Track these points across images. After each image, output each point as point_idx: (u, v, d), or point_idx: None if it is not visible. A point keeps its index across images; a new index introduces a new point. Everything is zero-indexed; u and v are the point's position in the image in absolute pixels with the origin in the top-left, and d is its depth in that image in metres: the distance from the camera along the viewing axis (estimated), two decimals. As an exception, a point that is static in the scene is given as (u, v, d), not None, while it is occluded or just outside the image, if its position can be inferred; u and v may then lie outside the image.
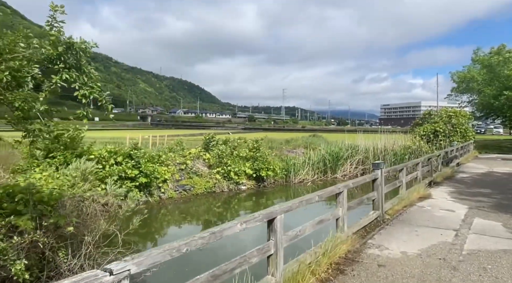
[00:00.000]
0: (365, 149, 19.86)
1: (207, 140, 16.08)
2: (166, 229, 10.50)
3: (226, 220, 11.09)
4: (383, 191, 6.22)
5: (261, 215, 3.34)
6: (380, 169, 6.06)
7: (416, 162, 9.11)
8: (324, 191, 4.61)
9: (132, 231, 7.29)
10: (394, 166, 7.95)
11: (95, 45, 4.73)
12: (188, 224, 11.28)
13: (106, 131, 52.95)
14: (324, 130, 71.02)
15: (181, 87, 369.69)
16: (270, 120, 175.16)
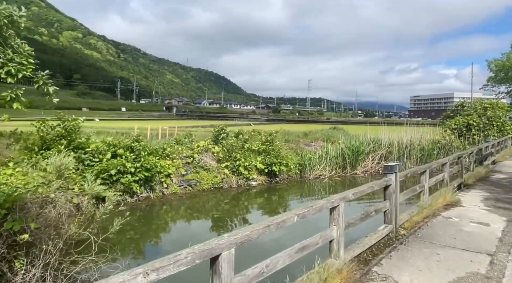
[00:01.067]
0: (388, 143, 18.38)
1: (217, 132, 15.19)
2: (162, 230, 9.73)
3: (226, 222, 10.21)
4: (397, 199, 5.01)
5: (196, 254, 2.22)
6: (394, 172, 4.87)
7: (443, 162, 7.69)
8: (310, 207, 3.48)
9: (111, 234, 6.53)
10: (414, 168, 6.67)
11: (25, 13, 3.87)
12: (187, 224, 10.47)
13: (127, 122, 53.38)
14: (349, 122, 68.85)
15: (207, 79, 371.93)
16: (294, 111, 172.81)
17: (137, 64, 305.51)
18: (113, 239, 7.38)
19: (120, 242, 8.38)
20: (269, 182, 14.91)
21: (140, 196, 11.35)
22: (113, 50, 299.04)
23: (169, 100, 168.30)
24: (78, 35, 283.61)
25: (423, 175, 6.40)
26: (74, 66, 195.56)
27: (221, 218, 10.80)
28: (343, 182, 16.25)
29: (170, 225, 10.10)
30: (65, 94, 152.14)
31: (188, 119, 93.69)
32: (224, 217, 10.92)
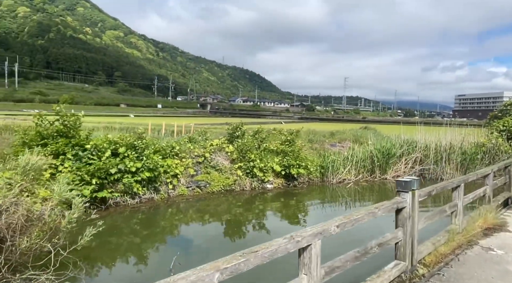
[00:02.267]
0: (425, 145, 16.53)
1: (232, 130, 14.19)
2: (158, 237, 8.84)
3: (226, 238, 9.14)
4: (415, 227, 3.69)
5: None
6: (410, 190, 3.65)
7: (484, 173, 6.17)
8: (253, 253, 2.14)
9: (80, 247, 5.70)
10: (443, 183, 5.00)
11: None
12: (190, 231, 9.53)
13: (159, 118, 53.80)
14: (386, 122, 65.61)
15: (242, 76, 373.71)
16: (330, 110, 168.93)
17: (175, 62, 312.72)
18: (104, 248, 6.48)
19: (105, 254, 7.59)
20: (286, 185, 13.71)
21: (143, 197, 10.60)
22: (152, 49, 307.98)
23: (204, 98, 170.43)
24: (120, 34, 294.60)
25: (456, 191, 4.94)
26: (116, 64, 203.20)
27: (228, 225, 9.78)
28: (371, 187, 14.72)
29: (168, 232, 9.22)
30: (106, 91, 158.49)
31: (220, 117, 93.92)
32: (232, 224, 9.90)
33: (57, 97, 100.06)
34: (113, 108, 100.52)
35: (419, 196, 3.82)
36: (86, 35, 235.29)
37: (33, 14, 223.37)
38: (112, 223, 9.31)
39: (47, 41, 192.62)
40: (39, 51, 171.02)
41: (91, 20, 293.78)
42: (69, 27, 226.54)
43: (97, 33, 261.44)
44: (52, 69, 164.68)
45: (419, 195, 3.85)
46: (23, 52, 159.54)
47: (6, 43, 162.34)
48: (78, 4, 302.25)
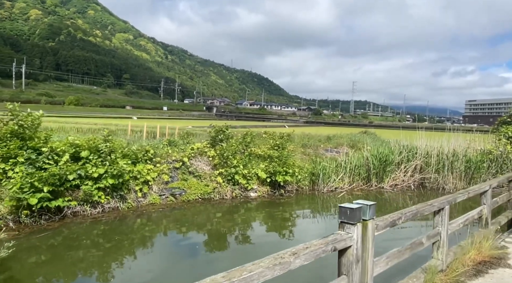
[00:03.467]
0: (426, 151, 15.32)
1: (215, 133, 13.18)
2: (111, 257, 7.84)
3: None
4: (367, 274, 2.61)
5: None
6: (359, 222, 2.57)
7: (481, 190, 4.95)
8: None
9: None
10: (418, 206, 3.81)
11: None
12: (148, 250, 8.51)
13: (162, 121, 53.06)
14: (392, 127, 64.03)
15: (250, 80, 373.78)
16: (337, 114, 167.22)
17: (184, 65, 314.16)
18: None
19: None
20: (272, 194, 12.64)
21: (107, 206, 9.63)
22: (161, 52, 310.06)
23: (211, 101, 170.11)
24: (129, 37, 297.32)
25: (439, 216, 3.78)
26: (124, 66, 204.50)
27: (203, 238, 8.75)
28: (365, 197, 13.55)
29: (135, 245, 8.19)
30: (114, 93, 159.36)
31: (225, 120, 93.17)
32: (207, 236, 8.88)
33: (63, 98, 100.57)
34: (118, 110, 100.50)
35: (375, 228, 2.74)
36: (96, 38, 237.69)
37: (44, 17, 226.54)
38: (69, 235, 8.36)
39: (57, 44, 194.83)
40: (49, 53, 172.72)
41: (101, 23, 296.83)
42: (80, 30, 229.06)
43: (106, 36, 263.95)
44: (62, 71, 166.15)
45: (375, 227, 2.76)
46: (33, 54, 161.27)
47: (17, 45, 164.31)
48: (89, 7, 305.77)
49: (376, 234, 2.71)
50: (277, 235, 9.29)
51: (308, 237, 8.49)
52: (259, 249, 8.15)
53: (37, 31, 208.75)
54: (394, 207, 12.70)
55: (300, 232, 9.61)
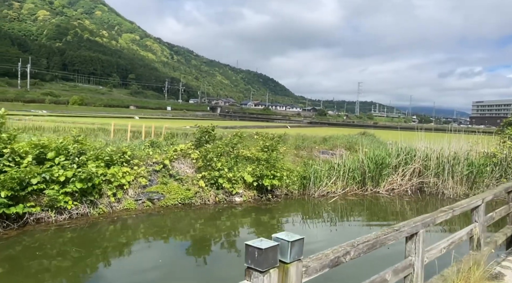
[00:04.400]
0: (425, 154, 14.49)
1: (200, 134, 12.48)
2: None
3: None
4: None
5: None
6: (273, 268, 1.72)
7: (471, 205, 4.09)
8: None
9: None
10: (384, 232, 2.86)
11: None
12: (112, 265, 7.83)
13: (162, 121, 52.58)
14: (395, 128, 62.82)
15: (255, 80, 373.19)
16: (342, 115, 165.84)
17: (189, 65, 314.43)
18: None
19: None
20: (258, 199, 11.92)
21: (75, 212, 8.98)
22: (167, 52, 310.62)
23: (216, 101, 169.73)
24: (135, 37, 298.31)
25: (412, 242, 2.93)
26: (130, 66, 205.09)
27: (181, 247, 8.08)
28: (359, 202, 12.77)
29: (104, 255, 7.53)
30: (119, 93, 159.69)
31: (229, 120, 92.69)
32: (186, 245, 8.20)
33: (68, 98, 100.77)
34: (122, 110, 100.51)
35: (302, 273, 1.93)
36: (102, 38, 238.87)
37: (52, 17, 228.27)
38: (30, 243, 7.72)
39: (64, 44, 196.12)
40: (56, 54, 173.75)
41: (108, 23, 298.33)
42: (86, 30, 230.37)
43: (113, 36, 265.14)
44: (68, 71, 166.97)
45: (304, 271, 1.95)
46: (40, 54, 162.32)
47: (24, 45, 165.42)
48: (96, 8, 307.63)
49: (305, 281, 1.90)
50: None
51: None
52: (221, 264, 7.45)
53: (45, 32, 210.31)
54: (390, 214, 11.91)
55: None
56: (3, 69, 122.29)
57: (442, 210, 3.57)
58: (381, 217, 11.49)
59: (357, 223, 10.81)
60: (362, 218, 11.44)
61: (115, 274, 6.75)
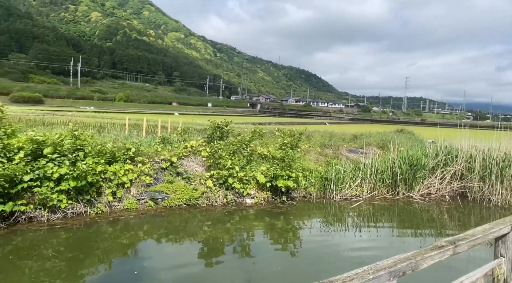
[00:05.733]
0: (469, 154, 12.65)
1: (212, 130, 11.69)
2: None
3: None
4: None
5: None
6: None
7: (493, 234, 2.68)
8: None
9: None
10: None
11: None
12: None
13: (201, 117, 52.90)
14: (446, 125, 58.39)
15: (298, 76, 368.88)
16: (387, 111, 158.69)
17: (232, 62, 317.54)
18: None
19: None
20: (272, 201, 10.92)
21: (70, 211, 8.57)
22: (210, 50, 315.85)
23: (257, 98, 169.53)
24: (180, 36, 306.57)
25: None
26: (175, 64, 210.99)
27: (180, 253, 7.38)
28: (387, 208, 11.32)
29: (99, 259, 7.01)
30: (164, 90, 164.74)
31: (268, 116, 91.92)
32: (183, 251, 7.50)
33: (115, 95, 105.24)
34: (165, 106, 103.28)
35: None
36: (149, 37, 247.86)
37: (103, 18, 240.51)
38: (19, 243, 7.38)
39: (114, 43, 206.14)
40: (106, 53, 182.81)
41: (155, 23, 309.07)
42: (135, 30, 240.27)
43: (159, 35, 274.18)
44: (117, 70, 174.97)
45: None
46: (92, 54, 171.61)
47: (78, 46, 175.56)
48: (144, 8, 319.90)
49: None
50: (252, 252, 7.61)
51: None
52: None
53: (97, 32, 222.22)
54: (426, 222, 10.37)
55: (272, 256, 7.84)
56: (59, 68, 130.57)
57: (435, 247, 2.36)
58: (415, 225, 10.03)
59: (386, 232, 9.47)
60: (392, 226, 10.02)
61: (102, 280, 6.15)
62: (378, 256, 7.80)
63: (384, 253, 7.92)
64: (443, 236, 9.61)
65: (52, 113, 33.38)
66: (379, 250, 8.09)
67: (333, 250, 7.98)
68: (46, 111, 37.75)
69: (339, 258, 7.57)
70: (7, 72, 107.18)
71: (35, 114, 28.37)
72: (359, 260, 7.46)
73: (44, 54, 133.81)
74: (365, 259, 7.63)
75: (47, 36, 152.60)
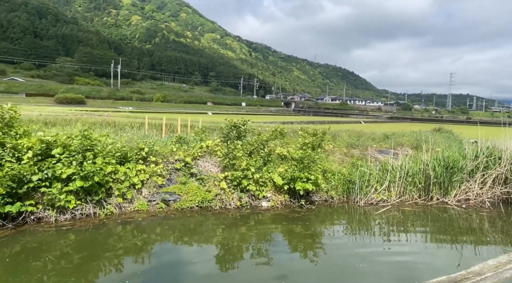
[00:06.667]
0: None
1: (228, 130, 11.23)
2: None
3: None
4: None
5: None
6: None
7: None
8: None
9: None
10: None
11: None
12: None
13: (234, 116, 52.94)
14: (493, 124, 54.33)
15: (334, 74, 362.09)
16: (430, 109, 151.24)
17: (267, 61, 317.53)
18: None
19: None
20: (289, 204, 10.28)
21: (79, 212, 8.44)
22: (245, 49, 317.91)
23: (292, 96, 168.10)
24: (216, 36, 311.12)
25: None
26: (211, 64, 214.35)
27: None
28: (421, 214, 10.27)
29: (108, 262, 6.82)
30: (200, 90, 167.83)
31: (302, 115, 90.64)
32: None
33: (153, 95, 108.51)
34: (200, 106, 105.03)
35: None
36: (186, 39, 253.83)
37: (143, 22, 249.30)
38: (29, 244, 7.32)
39: (153, 45, 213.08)
40: (145, 55, 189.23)
41: (192, 24, 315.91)
42: (172, 32, 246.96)
43: (196, 37, 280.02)
44: (156, 71, 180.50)
45: None
46: (132, 56, 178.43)
47: (119, 48, 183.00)
48: (181, 10, 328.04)
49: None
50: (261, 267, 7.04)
51: None
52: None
53: (137, 35, 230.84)
54: (465, 233, 9.25)
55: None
56: (102, 71, 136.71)
57: None
58: (452, 235, 8.97)
59: (418, 242, 8.52)
60: (424, 236, 9.01)
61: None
62: (410, 270, 6.98)
63: (418, 267, 7.08)
64: (485, 248, 8.50)
65: (90, 114, 34.69)
66: (411, 264, 7.25)
67: (355, 260, 7.22)
68: (85, 111, 39.37)
69: (361, 269, 6.82)
70: (54, 75, 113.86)
71: (74, 114, 29.50)
72: (388, 275, 6.69)
73: (88, 57, 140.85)
74: (395, 273, 6.85)
75: (91, 40, 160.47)
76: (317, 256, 7.45)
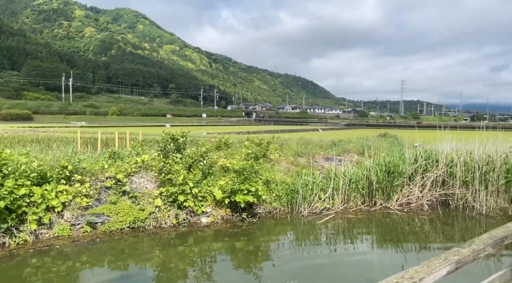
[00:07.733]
0: (450, 158, 11.58)
1: (164, 143, 10.57)
2: None
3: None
4: None
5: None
6: None
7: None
8: None
9: None
10: None
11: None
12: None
13: (193, 128, 51.76)
14: (450, 127, 57.46)
15: (294, 84, 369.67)
16: (385, 115, 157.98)
17: (227, 72, 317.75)
18: None
19: None
20: (231, 218, 9.79)
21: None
22: (206, 61, 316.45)
23: (253, 106, 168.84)
24: (175, 48, 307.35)
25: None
26: (170, 76, 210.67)
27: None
28: (363, 221, 10.17)
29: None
30: (160, 102, 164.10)
31: (263, 125, 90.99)
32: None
33: (107, 109, 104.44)
34: (158, 118, 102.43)
35: None
36: (144, 51, 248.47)
37: (97, 33, 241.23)
38: None
39: (108, 58, 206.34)
40: (101, 67, 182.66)
41: (150, 36, 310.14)
42: (129, 44, 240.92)
43: (154, 48, 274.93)
44: (113, 84, 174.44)
45: None
46: (87, 69, 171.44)
47: (72, 61, 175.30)
48: (138, 22, 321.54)
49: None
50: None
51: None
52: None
53: (91, 47, 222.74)
54: (404, 238, 9.24)
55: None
56: (53, 85, 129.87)
57: None
58: (395, 240, 8.92)
59: (364, 248, 8.35)
60: (369, 242, 8.86)
61: None
62: (358, 276, 6.74)
63: (365, 275, 6.84)
64: (427, 250, 8.50)
65: (34, 130, 32.37)
66: (359, 271, 7.01)
67: (301, 273, 6.84)
68: (28, 128, 36.76)
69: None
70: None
71: (14, 131, 27.36)
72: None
73: (37, 70, 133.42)
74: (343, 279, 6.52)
75: (40, 53, 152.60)
76: (262, 271, 7.04)
